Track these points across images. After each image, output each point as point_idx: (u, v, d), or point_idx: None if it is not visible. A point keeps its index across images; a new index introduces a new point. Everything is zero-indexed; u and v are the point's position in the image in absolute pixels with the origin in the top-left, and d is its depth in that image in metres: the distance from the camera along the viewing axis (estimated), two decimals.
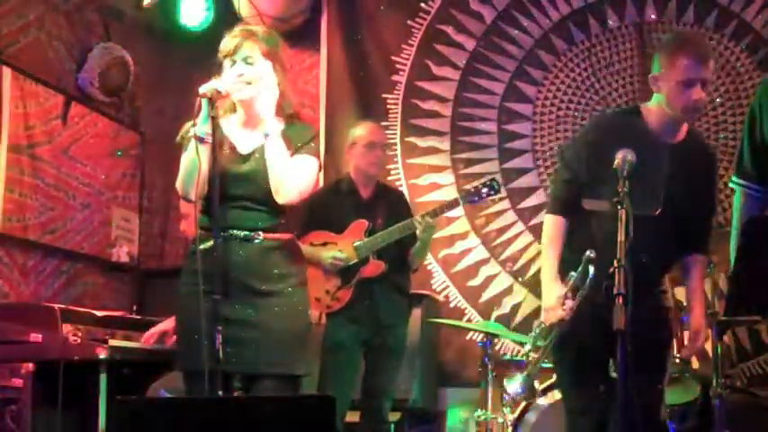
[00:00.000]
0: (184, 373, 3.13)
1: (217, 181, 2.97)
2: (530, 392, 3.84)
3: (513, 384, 3.71)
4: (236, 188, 3.07)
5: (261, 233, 3.09)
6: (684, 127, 3.25)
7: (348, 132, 4.64)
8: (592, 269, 3.05)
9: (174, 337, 4.26)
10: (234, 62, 3.10)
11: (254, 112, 3.14)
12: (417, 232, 4.26)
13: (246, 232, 3.07)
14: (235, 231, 3.06)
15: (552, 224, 3.25)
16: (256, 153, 3.13)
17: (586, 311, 3.14)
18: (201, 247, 2.98)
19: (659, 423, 3.24)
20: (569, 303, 3.10)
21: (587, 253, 3.06)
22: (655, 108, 3.21)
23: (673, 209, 3.16)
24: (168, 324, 4.33)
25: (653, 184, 3.09)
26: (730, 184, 3.27)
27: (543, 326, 3.26)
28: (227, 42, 3.14)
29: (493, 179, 4.41)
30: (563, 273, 3.19)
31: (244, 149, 3.16)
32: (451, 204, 4.36)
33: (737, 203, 3.09)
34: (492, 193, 4.38)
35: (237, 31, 3.16)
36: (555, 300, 3.12)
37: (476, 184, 4.49)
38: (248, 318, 3.03)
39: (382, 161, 4.53)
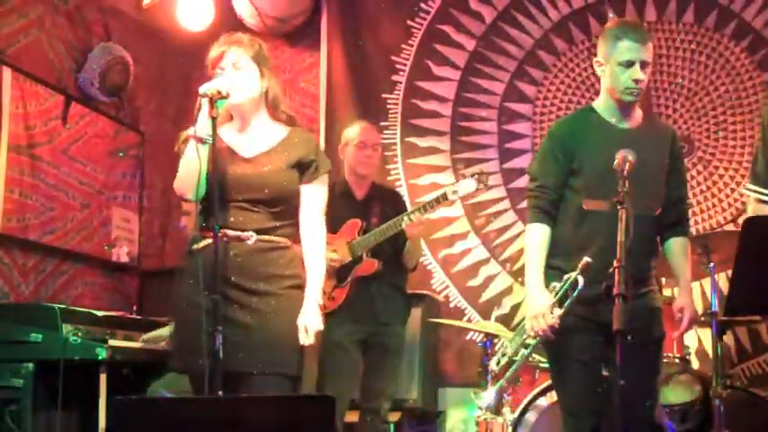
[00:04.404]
0: (189, 375, 3.13)
1: (216, 184, 2.98)
2: (498, 406, 3.87)
3: (483, 399, 3.76)
4: (236, 191, 3.09)
5: (254, 234, 3.09)
6: (639, 112, 3.34)
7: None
8: (581, 279, 3.08)
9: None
10: (222, 69, 3.13)
11: (247, 116, 3.16)
12: (405, 229, 4.25)
13: (239, 232, 3.08)
14: (228, 231, 3.06)
15: (534, 232, 3.28)
16: (257, 158, 3.15)
17: (582, 312, 3.16)
18: (197, 246, 3.00)
19: (654, 424, 3.24)
20: (557, 312, 3.14)
21: (585, 259, 3.09)
22: (603, 98, 3.34)
23: (648, 197, 3.19)
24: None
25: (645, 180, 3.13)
26: (744, 191, 3.28)
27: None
28: (213, 52, 3.17)
29: (481, 172, 4.37)
30: (547, 278, 3.23)
31: (245, 153, 3.17)
32: (438, 200, 4.32)
33: (749, 211, 3.09)
34: (480, 186, 4.34)
35: (222, 40, 3.20)
36: (545, 308, 3.14)
37: (463, 178, 4.42)
38: (239, 317, 3.03)
39: (374, 161, 4.51)
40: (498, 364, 3.73)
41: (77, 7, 5.14)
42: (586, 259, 3.11)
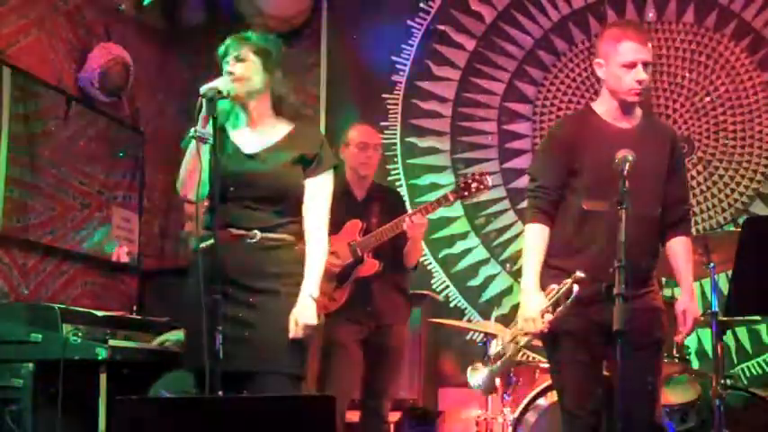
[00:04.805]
0: (194, 373, 3.13)
1: (218, 181, 2.98)
2: (489, 387, 3.90)
3: (477, 377, 3.77)
4: (238, 189, 3.09)
5: (258, 232, 3.09)
6: (639, 112, 3.34)
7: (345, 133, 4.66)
8: (576, 288, 3.09)
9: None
10: (227, 63, 3.17)
11: (250, 111, 3.16)
12: (406, 230, 4.25)
13: (243, 231, 3.08)
14: (233, 230, 3.06)
15: (532, 233, 3.28)
16: (261, 154, 3.14)
17: (582, 312, 3.16)
18: (202, 245, 2.99)
19: (654, 424, 3.24)
20: (548, 317, 3.15)
21: (577, 273, 3.09)
22: (603, 99, 3.34)
23: (648, 197, 3.19)
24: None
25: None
26: None
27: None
28: (220, 49, 3.22)
29: (482, 174, 4.36)
30: (547, 279, 3.23)
31: (248, 150, 3.17)
32: (440, 201, 4.31)
33: None
34: (482, 188, 4.32)
35: (231, 36, 3.25)
36: (536, 312, 3.16)
37: (464, 179, 4.39)
38: (243, 316, 3.03)
39: (374, 162, 4.51)
40: (495, 349, 3.73)
41: (77, 7, 5.13)
42: (579, 274, 3.10)
